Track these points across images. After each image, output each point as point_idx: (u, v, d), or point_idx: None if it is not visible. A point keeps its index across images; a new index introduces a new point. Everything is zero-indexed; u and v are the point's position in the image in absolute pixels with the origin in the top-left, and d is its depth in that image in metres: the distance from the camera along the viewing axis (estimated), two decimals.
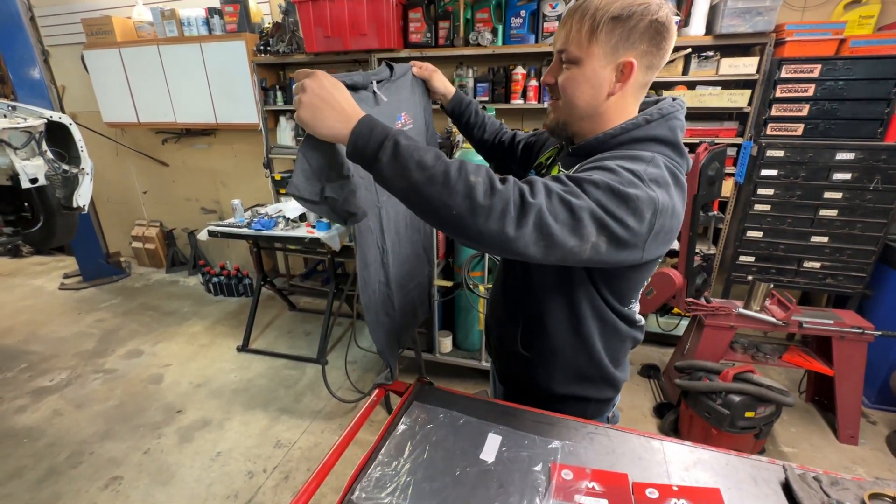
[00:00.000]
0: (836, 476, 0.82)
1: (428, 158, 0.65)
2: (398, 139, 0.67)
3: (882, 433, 2.31)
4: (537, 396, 1.03)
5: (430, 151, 0.66)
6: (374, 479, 0.81)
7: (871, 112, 2.24)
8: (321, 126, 0.71)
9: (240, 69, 3.30)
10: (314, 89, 0.70)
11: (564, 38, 0.82)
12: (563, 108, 0.88)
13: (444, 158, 0.67)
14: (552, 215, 0.64)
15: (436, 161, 0.65)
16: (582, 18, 0.79)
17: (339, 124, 0.70)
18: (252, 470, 2.13)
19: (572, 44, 0.81)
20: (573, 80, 0.83)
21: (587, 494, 0.78)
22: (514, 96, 2.84)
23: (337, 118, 0.70)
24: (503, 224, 0.63)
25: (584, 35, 0.79)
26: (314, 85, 0.71)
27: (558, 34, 0.84)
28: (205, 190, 4.27)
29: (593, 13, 0.78)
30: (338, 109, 0.70)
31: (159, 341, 3.24)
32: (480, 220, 0.63)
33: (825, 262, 2.47)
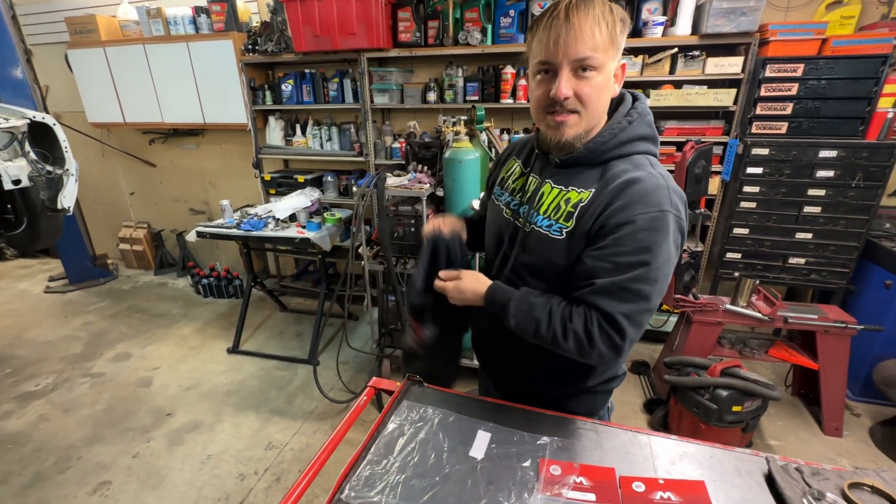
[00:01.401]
0: (817, 467, 0.84)
1: (541, 328, 0.88)
2: (509, 315, 0.91)
3: (866, 425, 2.36)
4: (545, 401, 1.05)
5: (532, 321, 0.89)
6: (363, 478, 0.82)
7: (853, 110, 2.28)
8: (464, 303, 1.00)
9: (228, 69, 3.27)
10: (455, 295, 1.00)
11: (589, 43, 0.78)
12: (585, 119, 0.85)
13: (542, 332, 0.88)
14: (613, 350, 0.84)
15: (538, 335, 0.88)
16: (598, 23, 0.77)
17: (474, 299, 0.98)
18: (243, 472, 2.11)
19: (598, 50, 0.79)
20: (599, 87, 0.82)
21: (575, 489, 0.78)
22: (504, 96, 2.85)
23: (473, 301, 0.98)
24: (589, 358, 0.87)
25: (606, 40, 0.79)
26: (454, 293, 1.00)
27: (574, 41, 0.78)
28: (193, 190, 4.23)
29: (606, 18, 0.78)
30: (471, 298, 0.98)
31: (148, 344, 3.21)
32: (580, 356, 0.87)
33: (809, 258, 2.51)
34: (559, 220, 0.90)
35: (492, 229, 1.08)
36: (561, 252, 0.90)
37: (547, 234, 0.91)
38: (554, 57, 0.80)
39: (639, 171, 0.85)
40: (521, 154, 1.07)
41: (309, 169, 3.65)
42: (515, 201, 1.01)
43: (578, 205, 0.88)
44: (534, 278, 0.96)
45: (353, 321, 3.54)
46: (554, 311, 0.87)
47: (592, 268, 0.84)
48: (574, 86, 0.81)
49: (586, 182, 0.89)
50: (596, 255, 0.84)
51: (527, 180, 1.00)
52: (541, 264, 0.94)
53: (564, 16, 0.78)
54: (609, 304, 0.82)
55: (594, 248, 0.85)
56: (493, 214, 1.08)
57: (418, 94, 3.03)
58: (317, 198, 3.04)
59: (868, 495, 0.78)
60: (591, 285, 0.84)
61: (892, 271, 2.32)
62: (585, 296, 0.84)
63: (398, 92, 3.06)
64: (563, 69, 0.80)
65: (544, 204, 0.93)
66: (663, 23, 2.46)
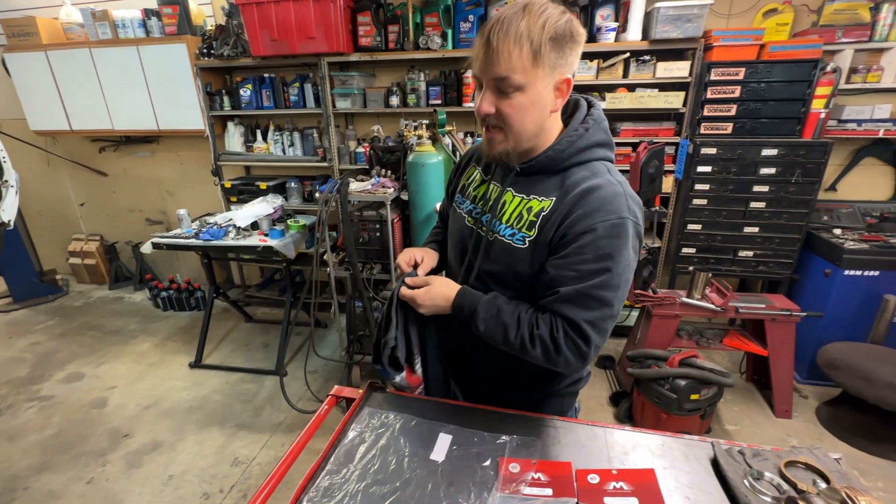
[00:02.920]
0: (757, 448, 0.89)
1: (509, 334, 0.89)
2: (478, 319, 0.92)
3: (812, 406, 2.51)
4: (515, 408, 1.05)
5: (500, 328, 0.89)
6: (322, 488, 0.81)
7: (790, 111, 2.44)
8: (434, 311, 0.99)
9: (182, 73, 3.16)
10: (426, 302, 0.97)
11: (504, 64, 0.77)
12: (510, 138, 0.85)
13: (511, 338, 0.89)
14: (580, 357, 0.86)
15: (507, 341, 0.89)
16: (519, 42, 0.76)
17: (445, 305, 0.97)
18: (208, 491, 2.04)
19: (516, 71, 0.78)
20: (521, 107, 0.82)
21: (532, 485, 0.80)
22: (466, 99, 2.88)
23: (443, 307, 0.97)
24: (557, 365, 0.88)
25: (527, 60, 0.77)
26: (425, 300, 0.97)
27: (491, 61, 0.78)
28: (149, 200, 4.06)
29: (529, 36, 0.76)
30: (441, 303, 0.97)
31: (103, 362, 3.05)
32: (547, 363, 0.88)
33: (757, 250, 2.66)
34: (522, 229, 0.90)
35: (454, 237, 1.07)
36: (524, 261, 0.91)
37: (510, 244, 0.92)
38: (478, 72, 0.83)
39: (597, 178, 0.86)
40: (481, 161, 1.06)
41: (271, 175, 3.57)
42: (477, 209, 1.01)
43: (540, 214, 0.89)
44: (499, 286, 0.96)
45: (321, 329, 3.48)
46: (522, 318, 0.88)
47: (556, 276, 0.85)
48: (496, 103, 0.82)
49: (547, 190, 0.90)
50: (559, 264, 0.85)
51: (488, 188, 0.99)
52: (505, 272, 0.94)
53: (486, 34, 0.78)
54: (573, 311, 0.83)
55: (557, 256, 0.86)
56: (455, 222, 1.08)
57: (381, 99, 3.02)
58: (279, 204, 2.98)
59: (802, 472, 0.83)
60: (555, 293, 0.85)
61: (830, 261, 2.48)
62: (550, 304, 0.86)
63: (360, 96, 3.05)
64: (485, 87, 0.82)
65: (506, 213, 0.93)
66: (615, 29, 2.56)
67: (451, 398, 1.13)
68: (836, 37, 2.44)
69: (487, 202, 0.98)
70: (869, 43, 2.45)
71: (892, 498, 1.94)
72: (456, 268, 1.07)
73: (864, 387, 2.08)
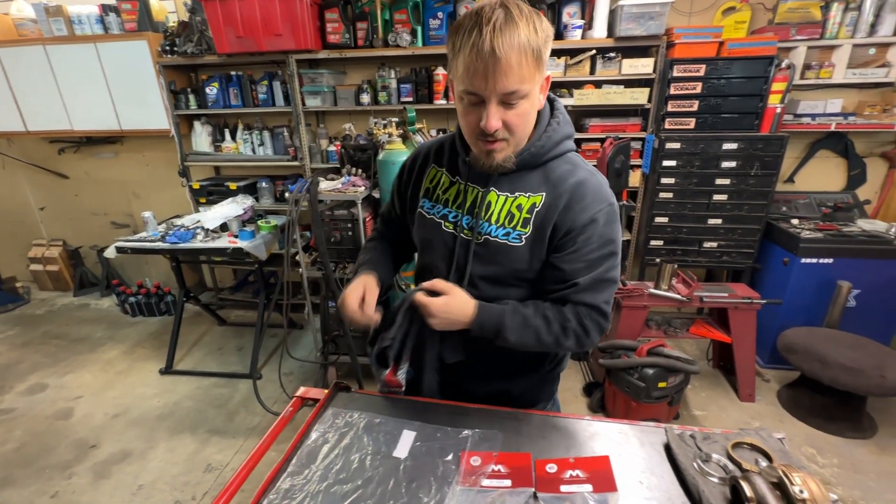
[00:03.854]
0: (708, 432, 0.93)
1: (542, 336, 0.92)
2: (507, 332, 0.92)
3: (774, 389, 2.62)
4: (514, 397, 1.08)
5: (531, 332, 0.92)
6: (282, 490, 0.80)
7: (748, 107, 2.53)
8: (446, 326, 0.95)
9: (144, 71, 3.06)
10: (440, 314, 0.92)
11: (515, 77, 0.76)
12: (513, 143, 0.86)
13: (545, 338, 0.92)
14: (601, 332, 0.95)
15: (538, 338, 0.93)
16: (524, 52, 0.75)
17: (462, 321, 0.94)
18: (180, 499, 2.00)
19: (525, 81, 0.77)
20: (525, 114, 0.82)
21: (491, 477, 0.82)
22: (437, 97, 2.89)
23: (462, 323, 0.94)
24: (584, 346, 0.96)
25: (532, 67, 0.77)
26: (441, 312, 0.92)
27: (501, 74, 0.75)
28: (115, 203, 3.92)
29: (530, 43, 0.75)
30: (458, 319, 0.93)
31: (68, 372, 2.94)
32: (577, 347, 0.96)
33: (720, 241, 2.76)
34: (516, 228, 0.91)
35: (434, 245, 1.01)
36: (523, 259, 0.92)
37: (506, 243, 0.92)
38: (481, 90, 0.77)
39: (580, 170, 0.92)
40: (441, 161, 1.02)
41: (242, 175, 3.50)
42: (454, 213, 0.98)
43: (533, 210, 0.90)
44: (494, 287, 0.96)
45: (296, 330, 3.44)
46: (549, 316, 0.92)
47: (571, 271, 0.90)
48: (502, 115, 0.80)
49: (532, 186, 0.91)
50: (571, 259, 0.90)
51: (464, 190, 0.96)
52: (502, 273, 0.95)
53: (490, 48, 0.73)
54: (593, 297, 0.91)
55: (567, 252, 0.90)
56: (428, 230, 1.02)
57: (352, 96, 2.99)
58: (250, 205, 2.92)
59: (748, 452, 0.87)
60: (574, 285, 0.90)
61: (788, 250, 2.59)
62: (570, 296, 0.91)
63: (331, 94, 3.01)
64: (491, 102, 0.78)
65: (494, 213, 0.93)
66: (582, 26, 2.60)
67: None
68: (790, 34, 2.54)
69: (465, 204, 0.96)
70: (820, 40, 2.56)
71: (846, 473, 2.05)
72: (442, 276, 1.01)
73: (820, 369, 2.19)
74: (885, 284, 2.50)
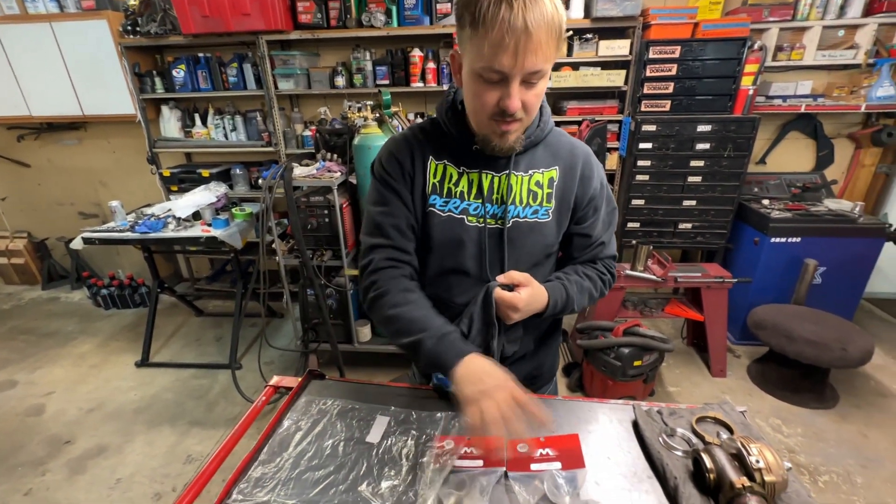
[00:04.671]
0: (674, 407, 0.95)
1: (594, 294, 1.02)
2: (574, 304, 0.97)
3: (745, 364, 2.72)
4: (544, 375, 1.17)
5: (586, 293, 0.99)
6: (253, 479, 0.80)
7: (722, 88, 2.56)
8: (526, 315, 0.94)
9: (105, 53, 2.92)
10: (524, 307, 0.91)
11: (543, 55, 0.72)
12: (524, 125, 0.85)
13: (595, 294, 1.02)
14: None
15: (591, 296, 1.01)
16: (550, 28, 0.72)
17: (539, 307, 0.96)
18: (159, 491, 1.98)
19: (549, 60, 0.75)
20: (541, 93, 0.81)
21: (464, 458, 0.83)
22: (414, 79, 2.83)
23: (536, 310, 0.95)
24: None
25: (555, 46, 0.75)
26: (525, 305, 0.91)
27: (531, 51, 0.71)
28: (81, 192, 3.77)
29: (556, 22, 0.72)
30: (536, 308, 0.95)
31: (38, 367, 2.86)
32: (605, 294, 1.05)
33: (695, 222, 2.81)
34: (542, 204, 0.94)
35: (460, 244, 0.93)
36: (551, 232, 0.96)
37: (536, 221, 0.94)
38: (509, 68, 0.72)
39: (575, 141, 1.00)
40: (440, 154, 0.93)
41: (214, 162, 3.40)
42: (474, 205, 0.92)
43: (552, 184, 0.94)
44: (527, 268, 0.94)
45: (277, 319, 3.41)
46: (591, 276, 1.01)
47: (596, 234, 1.00)
48: (522, 95, 0.77)
49: (542, 161, 0.94)
50: (594, 224, 1.00)
51: (478, 178, 0.91)
52: (535, 250, 0.96)
53: (523, 24, 0.69)
54: (611, 248, 1.05)
55: (591, 219, 0.99)
56: (447, 229, 0.92)
57: (326, 79, 2.92)
58: (223, 193, 2.84)
59: (711, 426, 0.90)
60: (601, 245, 1.01)
61: (759, 230, 2.66)
62: (599, 254, 1.02)
63: (304, 77, 2.93)
64: (515, 80, 0.74)
65: (516, 195, 0.92)
66: None
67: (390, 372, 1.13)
68: (762, 16, 2.56)
69: (483, 192, 0.91)
70: (792, 22, 2.58)
71: (809, 441, 2.15)
72: (470, 279, 0.95)
73: (787, 344, 2.27)
74: (849, 261, 2.59)
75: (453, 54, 0.85)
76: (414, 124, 1.00)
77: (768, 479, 0.68)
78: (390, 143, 0.97)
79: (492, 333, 0.93)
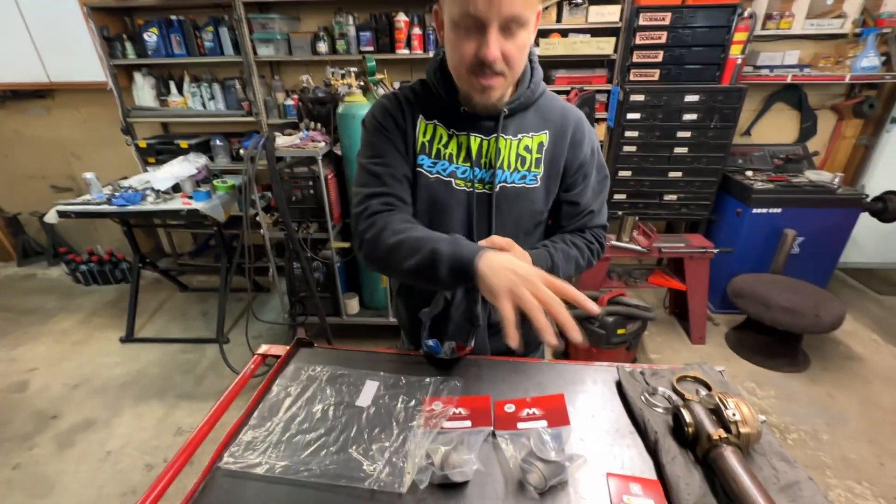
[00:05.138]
0: (656, 368, 0.98)
1: (581, 263, 0.99)
2: (559, 271, 0.93)
3: (723, 332, 2.81)
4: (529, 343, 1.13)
5: (572, 262, 0.97)
6: (244, 443, 0.81)
7: (711, 57, 2.54)
8: None
9: (70, 15, 2.76)
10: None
11: (519, 3, 0.70)
12: (509, 79, 0.81)
13: (581, 263, 0.99)
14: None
15: (578, 265, 0.99)
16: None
17: None
18: (150, 462, 2.00)
19: (529, 6, 0.73)
20: (524, 46, 0.77)
21: (452, 419, 0.84)
22: (399, 45, 2.74)
23: None
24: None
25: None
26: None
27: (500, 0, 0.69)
28: (53, 164, 3.62)
29: None
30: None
31: (18, 345, 2.81)
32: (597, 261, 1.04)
33: (680, 193, 2.84)
34: (531, 169, 0.91)
35: (447, 207, 0.92)
36: (540, 198, 0.94)
37: (524, 186, 0.92)
38: (483, 12, 0.70)
39: (567, 105, 0.97)
40: (429, 114, 0.91)
41: (193, 133, 3.28)
42: (462, 168, 0.90)
43: (542, 149, 0.91)
44: (514, 237, 0.89)
45: (263, 294, 3.39)
46: (578, 244, 0.99)
47: (585, 202, 0.97)
48: (501, 45, 0.74)
49: (531, 125, 0.92)
50: (583, 192, 0.97)
51: (466, 141, 0.89)
52: (523, 217, 0.95)
53: None
54: (601, 218, 1.03)
55: (580, 186, 0.96)
56: (435, 191, 0.91)
57: (307, 45, 2.81)
58: (203, 164, 2.76)
59: (690, 384, 0.93)
60: (590, 213, 0.99)
61: (741, 201, 2.70)
62: (588, 223, 0.99)
63: (284, 42, 2.81)
64: (492, 27, 0.71)
65: (505, 159, 0.90)
66: None
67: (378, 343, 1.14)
68: None
69: (471, 156, 0.90)
70: None
71: (780, 403, 2.26)
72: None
73: (763, 311, 2.35)
74: (826, 232, 2.67)
75: (436, 9, 0.83)
76: (404, 86, 0.98)
77: (743, 430, 0.71)
78: (382, 98, 0.95)
79: (474, 298, 0.94)
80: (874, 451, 1.97)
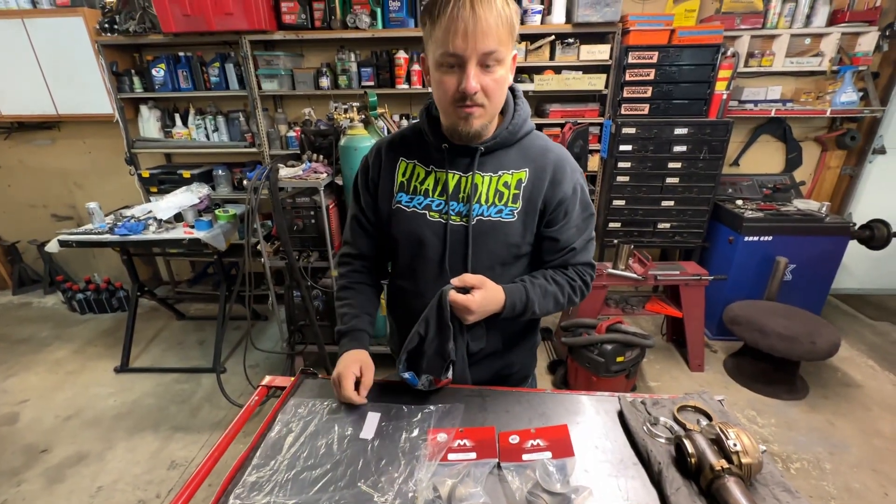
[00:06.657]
0: (657, 398, 1.00)
1: (560, 300, 1.02)
2: (535, 306, 0.98)
3: (721, 359, 2.82)
4: (513, 376, 1.18)
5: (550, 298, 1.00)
6: (248, 483, 0.80)
7: (697, 93, 2.65)
8: (482, 316, 0.96)
9: (81, 51, 2.85)
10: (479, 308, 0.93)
11: (494, 37, 0.79)
12: (489, 111, 0.88)
13: (561, 300, 1.02)
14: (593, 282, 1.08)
15: (557, 302, 1.02)
16: (500, 16, 0.79)
17: (495, 308, 0.97)
18: (143, 497, 1.94)
19: (502, 44, 0.81)
20: (502, 81, 0.85)
21: (457, 451, 0.85)
22: (399, 81, 2.85)
23: (493, 311, 0.97)
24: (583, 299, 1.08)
25: (506, 33, 0.81)
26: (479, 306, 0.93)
27: (482, 33, 0.78)
28: (55, 194, 3.66)
29: (505, 10, 0.80)
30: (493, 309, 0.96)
31: (10, 375, 2.76)
32: (580, 301, 1.07)
33: (673, 222, 2.90)
34: (508, 204, 0.95)
35: (422, 238, 0.99)
36: (516, 232, 0.97)
37: (500, 220, 0.96)
38: (462, 50, 0.79)
39: (551, 145, 1.01)
40: (410, 154, 1.01)
41: (196, 163, 3.34)
42: (437, 201, 0.98)
43: (520, 185, 0.95)
44: (491, 266, 0.99)
45: (261, 322, 3.37)
46: (559, 281, 1.01)
47: (566, 238, 0.99)
48: (480, 79, 0.82)
49: (512, 163, 0.96)
50: (564, 228, 0.99)
51: (444, 178, 0.97)
52: (499, 250, 0.98)
53: (470, 8, 0.77)
54: (585, 255, 1.04)
55: (560, 223, 0.99)
56: (411, 223, 0.99)
57: (311, 80, 2.91)
58: (206, 194, 2.80)
59: (691, 414, 0.95)
60: (572, 250, 1.01)
61: (733, 229, 2.77)
62: (570, 260, 1.01)
63: (288, 77, 2.91)
64: (471, 63, 0.80)
65: (482, 194, 0.95)
66: (541, 11, 2.63)
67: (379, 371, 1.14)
68: (735, 23, 2.67)
69: (448, 190, 0.96)
70: (762, 30, 2.70)
71: (781, 431, 2.25)
72: (433, 272, 1.01)
73: (760, 338, 2.37)
74: (817, 259, 2.72)
75: (423, 57, 0.94)
76: (404, 128, 1.08)
77: (745, 460, 0.73)
78: (372, 147, 1.08)
79: (446, 336, 0.95)
80: (878, 481, 1.96)
